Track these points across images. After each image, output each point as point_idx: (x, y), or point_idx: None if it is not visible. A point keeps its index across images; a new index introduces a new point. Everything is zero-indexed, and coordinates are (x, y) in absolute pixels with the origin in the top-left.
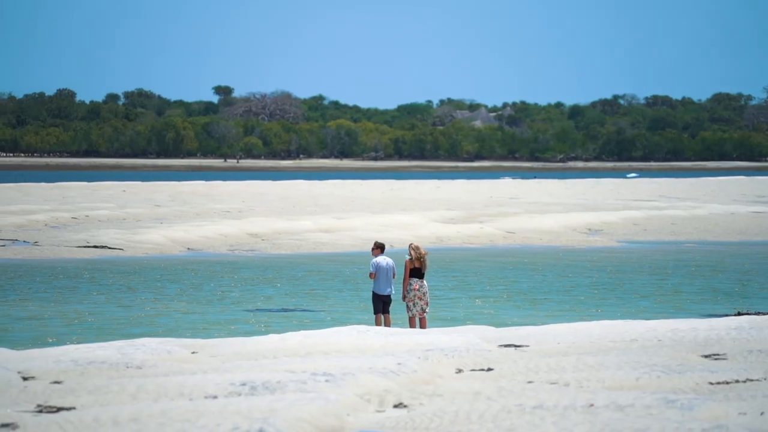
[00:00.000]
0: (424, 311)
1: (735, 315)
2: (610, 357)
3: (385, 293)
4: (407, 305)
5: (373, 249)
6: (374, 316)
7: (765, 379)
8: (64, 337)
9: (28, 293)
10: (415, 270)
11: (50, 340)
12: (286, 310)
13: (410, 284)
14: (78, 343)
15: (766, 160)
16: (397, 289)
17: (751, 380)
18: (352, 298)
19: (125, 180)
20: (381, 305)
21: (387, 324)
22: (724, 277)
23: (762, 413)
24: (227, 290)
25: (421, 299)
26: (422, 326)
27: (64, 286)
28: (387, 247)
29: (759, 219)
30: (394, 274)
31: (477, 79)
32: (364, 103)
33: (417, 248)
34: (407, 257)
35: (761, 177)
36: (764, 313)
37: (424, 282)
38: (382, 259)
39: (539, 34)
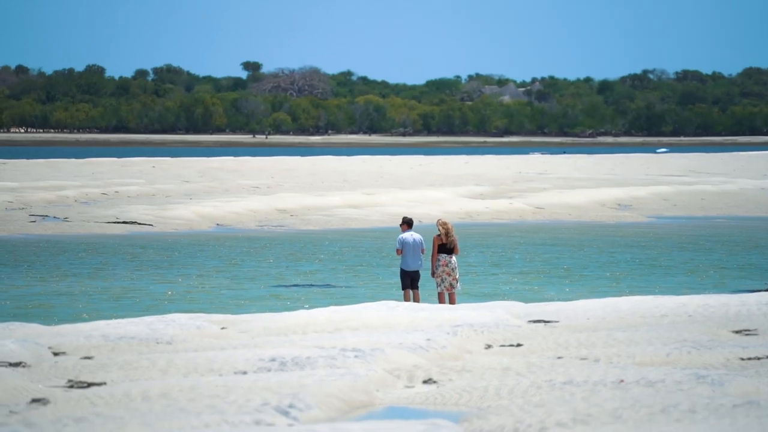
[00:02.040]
0: (453, 287)
1: (765, 290)
2: (640, 332)
3: (412, 269)
4: (436, 281)
5: (401, 225)
6: (402, 291)
7: None
8: (94, 312)
9: (59, 269)
10: (443, 246)
11: (82, 316)
12: (314, 286)
13: (438, 260)
14: (109, 318)
15: None
16: (427, 264)
17: None
18: (382, 274)
19: (154, 156)
20: (409, 281)
21: (416, 300)
22: (755, 252)
23: None
24: (256, 266)
25: (449, 275)
26: (451, 302)
27: (95, 261)
28: (416, 223)
29: None
30: (422, 250)
31: (505, 54)
32: (392, 79)
33: (445, 224)
34: (437, 233)
35: None
36: None
37: (453, 258)
38: (409, 235)
39: (568, 9)
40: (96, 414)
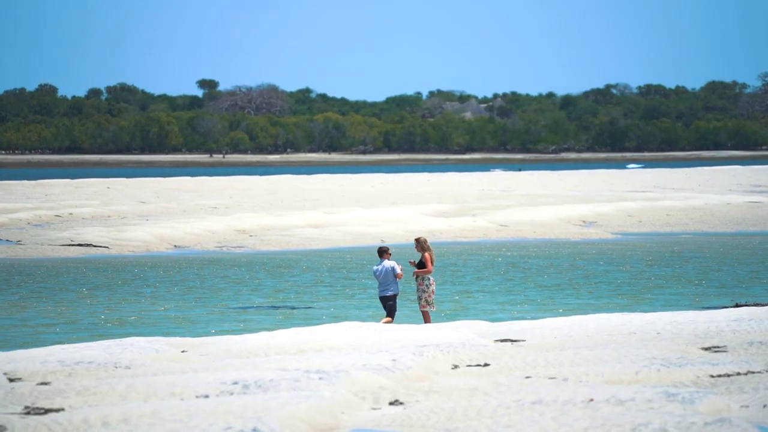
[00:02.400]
0: (427, 303)
1: (734, 307)
2: (608, 351)
3: (381, 294)
4: (428, 300)
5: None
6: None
7: (766, 370)
8: (49, 337)
9: (12, 293)
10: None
11: (36, 341)
12: (276, 308)
13: (428, 279)
14: (65, 343)
15: (761, 149)
16: (402, 288)
17: (753, 372)
18: (344, 295)
19: (109, 177)
20: (385, 307)
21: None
22: (722, 268)
23: (765, 406)
24: (216, 288)
25: (424, 292)
26: (425, 320)
27: (49, 285)
28: (378, 242)
29: (755, 209)
30: (397, 275)
31: (467, 69)
32: (352, 96)
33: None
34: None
35: (757, 166)
36: (763, 305)
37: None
38: (379, 267)
39: (530, 24)
40: None
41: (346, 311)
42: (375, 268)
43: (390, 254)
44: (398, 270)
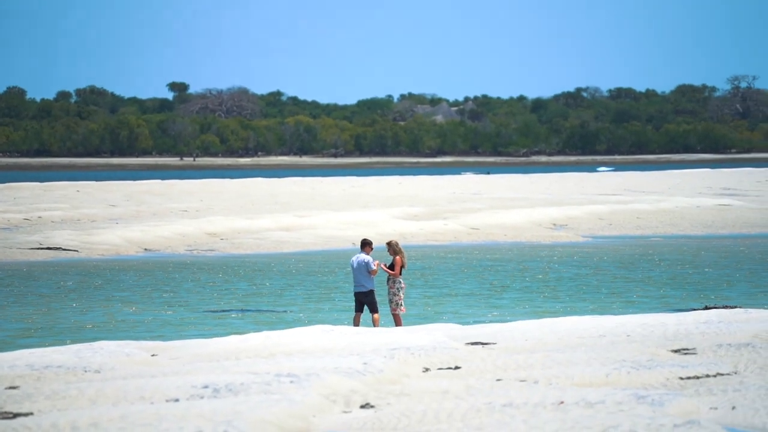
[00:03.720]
0: (397, 306)
1: (703, 309)
2: (579, 353)
3: (355, 290)
4: (399, 303)
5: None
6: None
7: (735, 373)
8: (18, 341)
9: None
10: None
11: (4, 345)
12: (247, 311)
13: (399, 282)
14: (33, 347)
15: (730, 152)
16: (377, 287)
17: (722, 374)
18: (316, 298)
19: (78, 180)
20: (358, 304)
21: (375, 324)
22: (691, 271)
23: (733, 408)
24: (186, 291)
25: (395, 295)
26: (396, 323)
27: (18, 289)
28: (349, 245)
29: (724, 212)
30: (371, 272)
31: (438, 73)
32: (323, 99)
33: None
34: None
35: (726, 169)
36: (732, 307)
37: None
38: (355, 257)
39: (501, 27)
40: None
41: (317, 314)
42: (352, 259)
43: (371, 248)
44: (373, 266)
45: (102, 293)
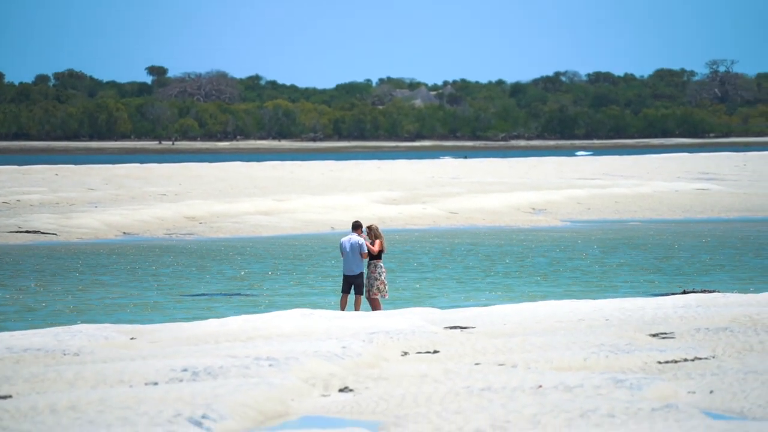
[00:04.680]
0: (379, 291)
1: (681, 293)
2: (557, 337)
3: (348, 273)
4: (380, 288)
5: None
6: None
7: (713, 357)
8: None
9: None
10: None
11: None
12: (226, 295)
13: (380, 267)
14: (12, 330)
15: (709, 137)
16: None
17: (699, 359)
18: (294, 281)
19: (57, 163)
20: (348, 286)
21: (356, 306)
22: (670, 255)
23: (711, 392)
24: (165, 275)
25: (376, 279)
26: (375, 308)
27: None
28: (328, 230)
29: (703, 196)
30: (363, 254)
31: (417, 56)
32: (301, 83)
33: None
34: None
35: (704, 153)
36: (710, 291)
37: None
38: (347, 239)
39: (478, 10)
40: (2, 428)
41: (296, 298)
42: (342, 241)
43: (362, 231)
44: (365, 248)
45: (81, 277)
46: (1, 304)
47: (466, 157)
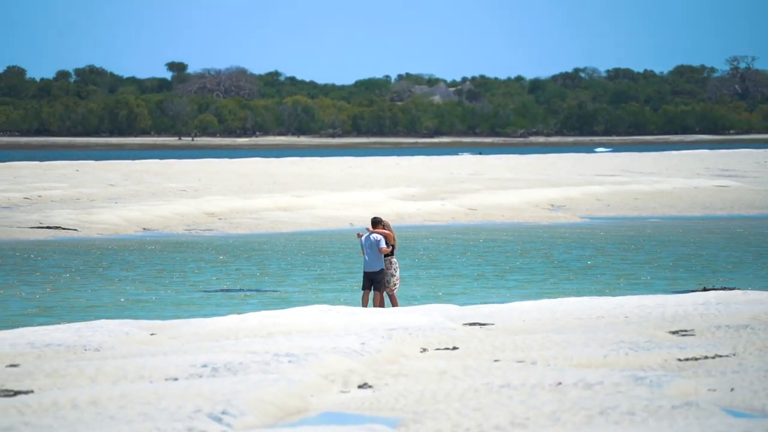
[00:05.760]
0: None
1: (701, 290)
2: (577, 334)
3: (367, 269)
4: (396, 282)
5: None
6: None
7: (733, 354)
8: (19, 319)
9: None
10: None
11: (5, 323)
12: (245, 291)
13: (395, 262)
14: (34, 325)
15: (729, 133)
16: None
17: (720, 356)
18: (313, 278)
19: (78, 159)
20: (368, 282)
21: (375, 302)
22: (690, 252)
23: (732, 389)
24: (185, 271)
25: (393, 275)
26: (393, 304)
27: (18, 267)
28: (347, 225)
29: (723, 193)
30: (381, 249)
31: (436, 53)
32: (320, 79)
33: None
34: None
35: (724, 150)
36: (731, 288)
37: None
38: (365, 237)
39: (499, 7)
40: (24, 423)
41: (315, 294)
42: (362, 238)
43: (382, 227)
44: (383, 244)
45: (101, 272)
46: (22, 299)
47: (480, 153)
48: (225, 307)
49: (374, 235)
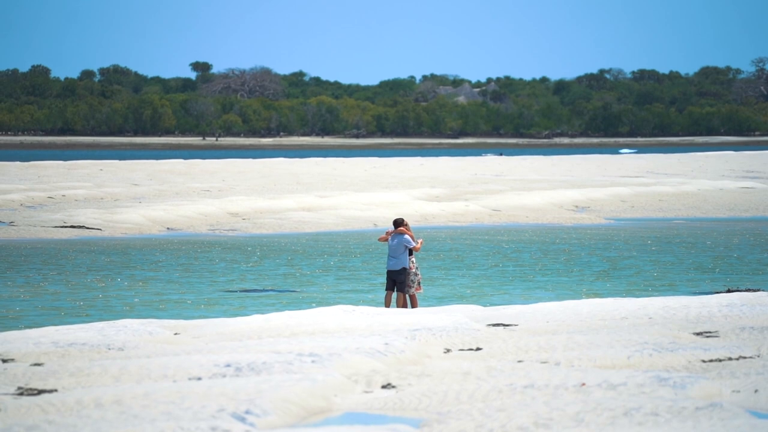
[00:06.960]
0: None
1: (726, 292)
2: (601, 335)
3: (389, 268)
4: (419, 282)
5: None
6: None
7: (758, 356)
8: (43, 318)
9: (5, 274)
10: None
11: (29, 322)
12: (269, 291)
13: (416, 262)
14: (58, 324)
15: (754, 135)
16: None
17: (744, 357)
18: (337, 278)
19: (102, 159)
20: (390, 282)
21: (399, 303)
22: (714, 253)
23: (756, 391)
24: (209, 270)
25: (416, 275)
26: (412, 305)
27: (42, 266)
28: (371, 226)
29: (748, 194)
30: (406, 247)
31: (460, 53)
32: (345, 79)
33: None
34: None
35: (749, 152)
36: (755, 290)
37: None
38: (393, 235)
39: (524, 7)
40: (48, 422)
41: (338, 295)
42: (391, 236)
43: (407, 228)
44: (411, 242)
45: (125, 272)
46: (46, 298)
47: (501, 154)
48: (248, 307)
49: (403, 235)
